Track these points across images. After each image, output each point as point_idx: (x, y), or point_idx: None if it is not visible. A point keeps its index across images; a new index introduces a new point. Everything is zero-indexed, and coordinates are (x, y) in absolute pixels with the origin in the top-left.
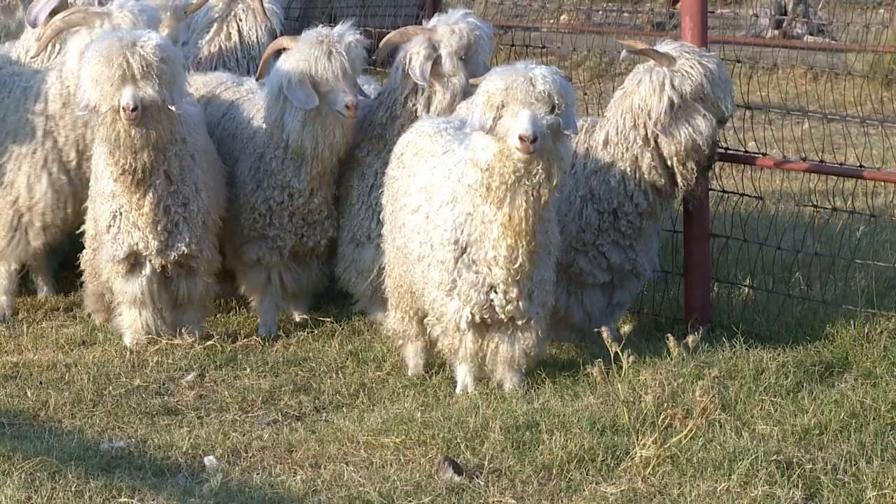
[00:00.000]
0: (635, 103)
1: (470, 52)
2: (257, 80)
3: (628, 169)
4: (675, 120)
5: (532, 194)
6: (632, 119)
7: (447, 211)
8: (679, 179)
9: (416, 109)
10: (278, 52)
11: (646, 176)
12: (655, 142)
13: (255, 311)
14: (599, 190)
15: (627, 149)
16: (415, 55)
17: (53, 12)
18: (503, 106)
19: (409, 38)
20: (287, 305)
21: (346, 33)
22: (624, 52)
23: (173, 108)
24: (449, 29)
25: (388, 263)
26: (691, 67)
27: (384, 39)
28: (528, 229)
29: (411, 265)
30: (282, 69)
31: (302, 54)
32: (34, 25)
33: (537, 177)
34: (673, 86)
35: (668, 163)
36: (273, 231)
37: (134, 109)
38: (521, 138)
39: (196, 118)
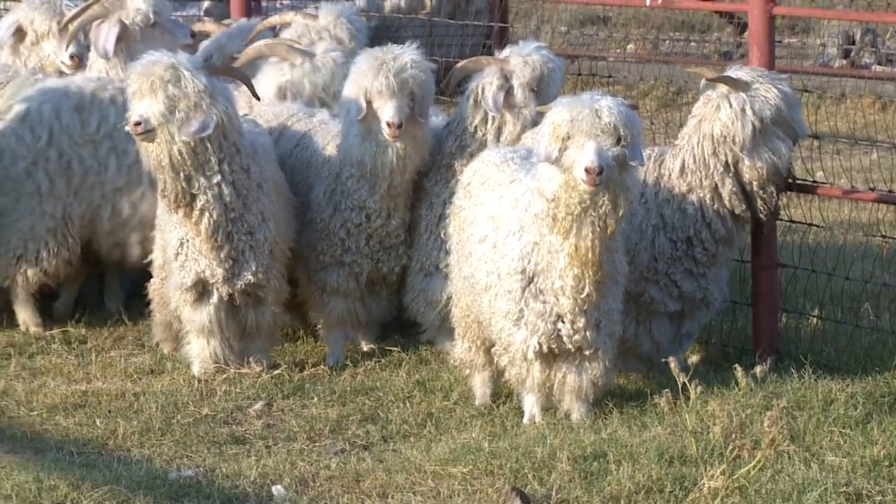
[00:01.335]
0: (716, 130)
1: (542, 84)
2: None
3: (707, 196)
4: (756, 145)
5: (598, 225)
6: (711, 146)
7: (514, 241)
8: (759, 204)
9: (486, 139)
10: None
11: (726, 203)
12: (735, 168)
13: (323, 341)
14: (673, 218)
15: (707, 176)
16: (488, 85)
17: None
18: (569, 137)
19: (481, 67)
20: (355, 335)
21: (403, 53)
22: (704, 82)
23: (180, 135)
24: (522, 60)
25: (455, 293)
26: (767, 91)
27: (456, 67)
28: (594, 259)
29: (478, 295)
30: (348, 83)
31: (358, 68)
32: (106, 57)
33: (603, 208)
34: (754, 111)
35: (748, 188)
36: (350, 257)
37: (137, 124)
38: (586, 171)
39: (265, 149)
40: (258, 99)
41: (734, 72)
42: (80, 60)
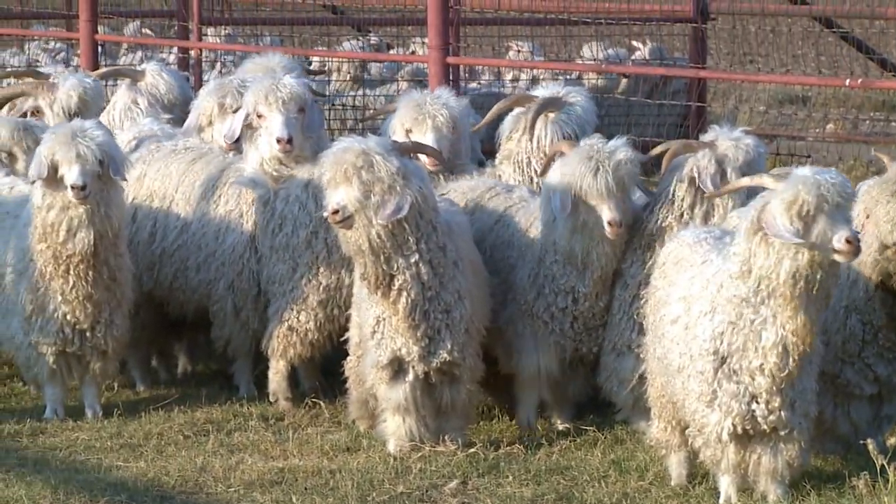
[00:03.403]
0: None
1: (751, 167)
2: (540, 176)
3: (873, 275)
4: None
5: (825, 302)
6: (861, 224)
7: (706, 321)
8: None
9: (694, 222)
10: None
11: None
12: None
13: (517, 420)
14: (858, 300)
15: (868, 254)
16: (703, 169)
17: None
18: (812, 214)
19: (692, 150)
20: (551, 413)
21: (617, 150)
22: (872, 151)
23: (377, 218)
24: (734, 144)
25: (650, 373)
26: None
27: (656, 148)
28: (813, 335)
29: (672, 376)
30: (554, 175)
31: (571, 167)
32: (232, 140)
33: (832, 279)
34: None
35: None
36: (554, 338)
37: (335, 212)
38: (847, 241)
39: (461, 227)
40: (452, 173)
41: None
42: (234, 144)
